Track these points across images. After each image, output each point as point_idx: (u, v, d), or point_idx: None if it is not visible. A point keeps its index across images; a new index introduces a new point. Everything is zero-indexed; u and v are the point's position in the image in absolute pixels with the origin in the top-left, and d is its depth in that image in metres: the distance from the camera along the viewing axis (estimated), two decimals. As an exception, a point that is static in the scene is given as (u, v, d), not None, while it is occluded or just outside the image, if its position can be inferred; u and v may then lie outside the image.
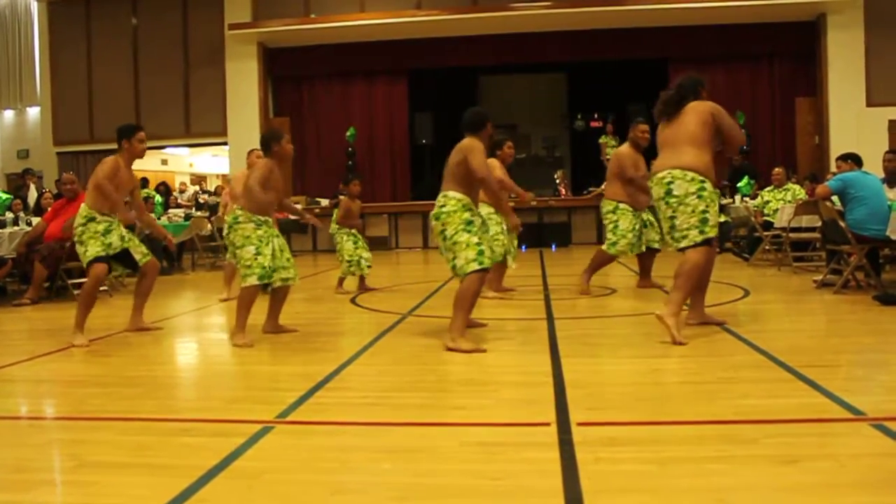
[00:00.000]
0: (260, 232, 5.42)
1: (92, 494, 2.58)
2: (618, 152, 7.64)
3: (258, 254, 5.37)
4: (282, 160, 5.62)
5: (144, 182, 12.74)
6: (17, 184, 13.94)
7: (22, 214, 9.60)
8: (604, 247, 7.44)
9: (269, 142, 5.61)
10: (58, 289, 8.50)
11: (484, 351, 4.74)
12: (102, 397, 4.01)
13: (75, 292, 8.17)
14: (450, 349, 4.76)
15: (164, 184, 15.04)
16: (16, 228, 8.82)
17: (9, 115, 18.35)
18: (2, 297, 8.31)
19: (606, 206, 7.43)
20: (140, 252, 5.99)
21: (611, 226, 7.38)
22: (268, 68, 16.45)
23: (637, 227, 7.34)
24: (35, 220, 9.03)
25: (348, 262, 8.00)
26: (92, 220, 5.74)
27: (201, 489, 2.57)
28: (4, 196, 10.74)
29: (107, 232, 5.77)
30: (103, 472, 2.80)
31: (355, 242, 7.99)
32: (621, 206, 7.32)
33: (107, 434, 3.33)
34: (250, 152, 7.97)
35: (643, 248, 7.45)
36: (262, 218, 5.46)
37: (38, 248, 8.22)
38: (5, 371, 4.75)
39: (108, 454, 3.03)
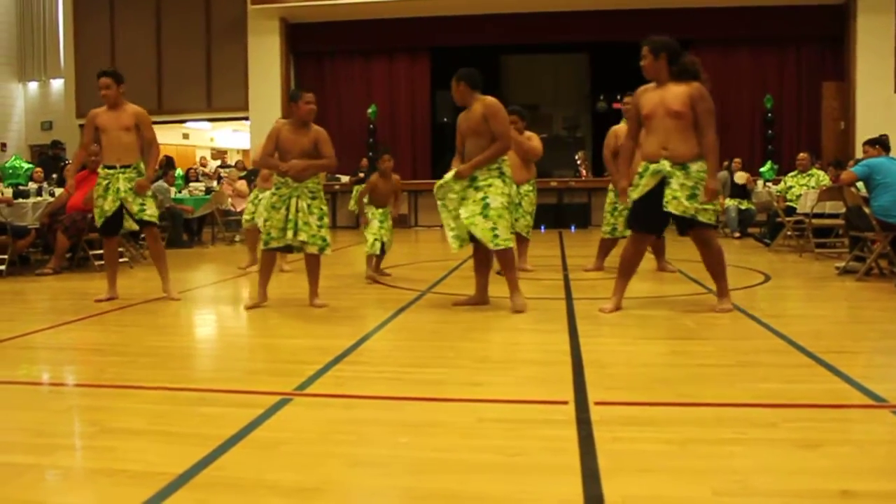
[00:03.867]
0: (274, 199, 5.58)
1: (111, 459, 2.60)
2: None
3: (266, 219, 5.65)
4: (299, 121, 5.66)
5: (170, 161, 12.75)
6: (49, 154, 14.02)
7: (45, 185, 9.67)
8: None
9: (289, 102, 5.71)
10: (79, 259, 8.57)
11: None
12: (122, 366, 4.05)
13: (97, 263, 8.26)
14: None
15: (166, 156, 15.05)
16: (39, 199, 8.90)
17: (33, 87, 18.45)
18: (25, 267, 8.39)
19: None
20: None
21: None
22: (290, 44, 16.43)
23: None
24: (59, 191, 9.10)
25: (374, 240, 7.24)
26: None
27: (219, 458, 2.59)
28: (27, 166, 10.81)
29: None
30: (123, 439, 2.83)
31: (381, 222, 7.22)
32: None
33: (127, 402, 3.36)
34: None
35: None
36: (282, 180, 5.60)
37: (61, 218, 8.29)
38: (27, 338, 4.80)
39: (128, 421, 3.06)
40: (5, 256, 7.89)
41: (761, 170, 12.99)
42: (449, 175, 5.33)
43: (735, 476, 2.38)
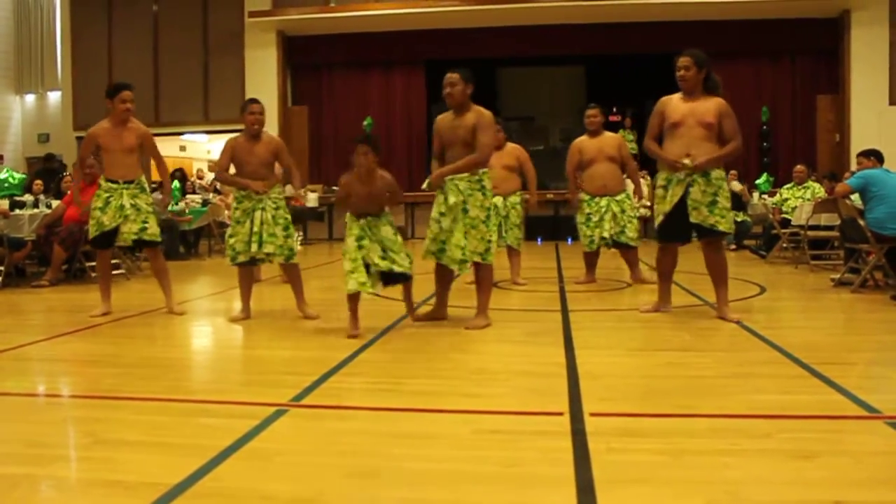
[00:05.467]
0: (237, 213, 5.68)
1: (107, 470, 2.60)
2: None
3: (230, 235, 5.72)
4: (248, 133, 5.73)
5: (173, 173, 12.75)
6: (46, 167, 14.02)
7: (42, 197, 9.66)
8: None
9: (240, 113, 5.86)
10: (76, 271, 8.57)
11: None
12: (118, 377, 4.04)
13: (93, 275, 8.25)
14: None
15: (180, 170, 15.10)
16: (35, 211, 8.90)
17: (30, 99, 18.48)
18: (21, 279, 8.38)
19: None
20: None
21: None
22: (286, 56, 16.49)
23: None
24: (55, 203, 9.10)
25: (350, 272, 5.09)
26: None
27: (215, 468, 2.59)
28: (19, 177, 10.79)
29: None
30: (119, 450, 2.83)
31: (360, 239, 5.03)
32: None
33: (122, 413, 3.36)
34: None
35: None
36: (243, 194, 5.66)
37: (58, 230, 8.29)
38: (23, 350, 4.80)
39: (124, 432, 3.05)
40: (1, 268, 7.88)
41: (757, 182, 13.03)
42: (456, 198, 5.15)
43: (729, 487, 2.39)
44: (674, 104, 5.41)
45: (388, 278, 5.10)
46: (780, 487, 2.41)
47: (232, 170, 5.80)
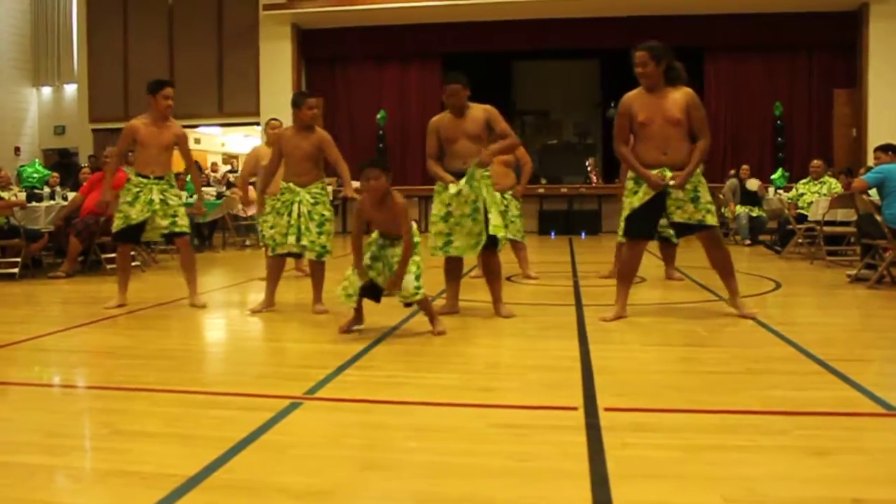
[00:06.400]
0: (278, 204, 5.70)
1: (124, 461, 2.62)
2: None
3: (272, 225, 5.76)
4: (301, 127, 5.76)
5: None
6: (62, 163, 14.15)
7: (59, 189, 9.74)
8: None
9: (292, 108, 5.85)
10: (91, 263, 8.62)
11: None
12: (134, 368, 4.07)
13: (109, 266, 8.31)
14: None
15: (195, 162, 15.17)
16: (52, 203, 8.97)
17: (46, 91, 18.57)
18: (38, 270, 8.44)
19: None
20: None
21: None
22: (301, 49, 16.50)
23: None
24: (71, 195, 9.16)
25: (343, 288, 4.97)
26: None
27: (230, 460, 2.61)
28: (44, 172, 10.89)
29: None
30: (136, 441, 2.85)
31: (373, 258, 4.81)
32: None
33: (139, 404, 3.38)
34: (268, 122, 8.07)
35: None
36: (285, 185, 5.70)
37: (74, 222, 8.35)
38: (39, 341, 4.83)
39: (140, 423, 3.08)
40: (19, 259, 7.94)
41: (772, 177, 12.96)
42: (458, 186, 5.23)
43: (746, 483, 2.38)
44: (641, 101, 5.14)
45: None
46: (797, 484, 2.40)
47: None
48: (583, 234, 14.55)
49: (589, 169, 15.61)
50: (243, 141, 22.23)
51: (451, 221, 5.31)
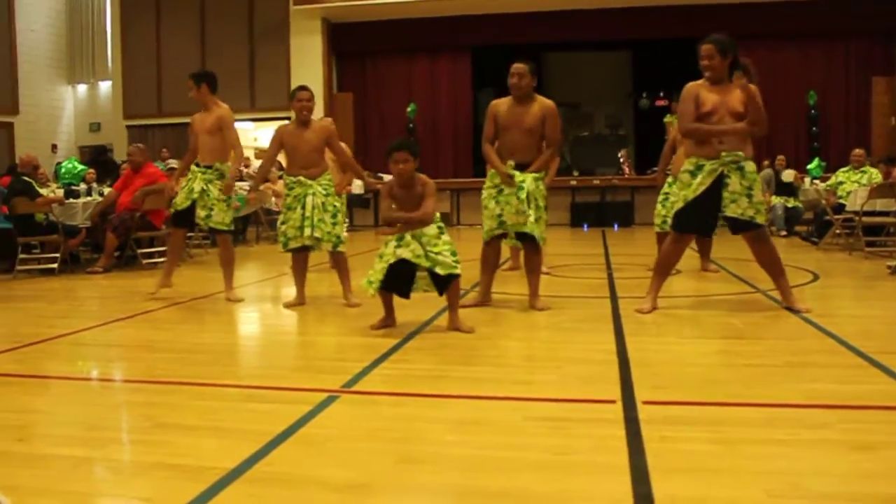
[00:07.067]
0: (289, 199, 5.74)
1: (165, 454, 2.65)
2: None
3: (283, 221, 5.78)
4: (298, 120, 5.78)
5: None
6: (97, 159, 14.36)
7: (95, 185, 9.87)
8: None
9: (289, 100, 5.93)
10: (127, 258, 8.73)
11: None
12: (172, 362, 4.12)
13: (144, 262, 8.41)
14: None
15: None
16: (89, 199, 9.09)
17: (82, 89, 18.81)
18: (75, 265, 8.57)
19: None
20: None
21: None
22: (331, 44, 16.54)
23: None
24: (107, 191, 9.29)
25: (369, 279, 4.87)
26: None
27: (270, 453, 2.62)
28: (80, 167, 11.04)
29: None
30: (176, 434, 2.88)
31: (399, 238, 4.65)
32: None
33: (178, 398, 3.42)
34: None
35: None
36: (294, 180, 5.72)
37: (110, 217, 8.46)
38: (79, 335, 4.91)
39: (180, 417, 3.11)
40: (58, 255, 8.07)
41: (809, 167, 12.76)
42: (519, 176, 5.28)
43: (788, 478, 2.35)
44: (705, 93, 5.10)
45: (437, 281, 4.75)
46: (840, 479, 2.36)
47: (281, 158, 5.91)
48: (615, 226, 14.45)
49: (622, 160, 15.49)
50: (275, 136, 22.37)
51: (501, 200, 5.32)
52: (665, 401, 3.18)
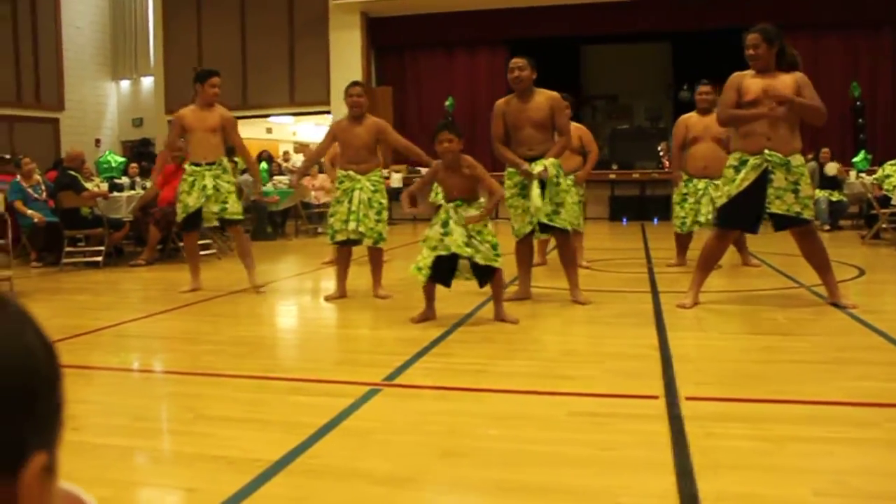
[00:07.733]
0: (338, 192, 5.80)
1: (209, 445, 2.69)
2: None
3: (331, 214, 5.83)
4: (350, 115, 5.82)
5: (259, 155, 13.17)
6: (141, 151, 14.60)
7: (138, 179, 10.02)
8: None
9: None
10: (170, 251, 8.85)
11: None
12: (215, 354, 4.17)
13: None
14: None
15: (266, 152, 15.41)
16: (132, 192, 9.23)
17: (125, 85, 19.09)
18: (119, 258, 8.71)
19: None
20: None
21: None
22: (370, 38, 16.58)
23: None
24: (149, 184, 9.42)
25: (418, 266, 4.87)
26: None
27: (313, 446, 2.65)
28: (120, 160, 11.21)
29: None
30: (220, 426, 2.92)
31: (446, 226, 4.69)
32: None
33: (221, 389, 3.46)
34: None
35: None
36: (344, 174, 5.77)
37: (153, 211, 8.58)
38: (123, 327, 4.99)
39: (224, 409, 3.15)
40: (102, 248, 8.21)
41: (854, 160, 12.51)
42: (542, 163, 5.27)
43: (836, 476, 2.31)
44: (749, 81, 4.97)
45: (478, 271, 4.76)
46: (888, 478, 2.32)
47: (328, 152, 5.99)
48: (655, 220, 14.30)
49: (661, 153, 15.30)
50: (314, 130, 22.48)
51: (525, 197, 5.35)
52: (708, 397, 3.15)
